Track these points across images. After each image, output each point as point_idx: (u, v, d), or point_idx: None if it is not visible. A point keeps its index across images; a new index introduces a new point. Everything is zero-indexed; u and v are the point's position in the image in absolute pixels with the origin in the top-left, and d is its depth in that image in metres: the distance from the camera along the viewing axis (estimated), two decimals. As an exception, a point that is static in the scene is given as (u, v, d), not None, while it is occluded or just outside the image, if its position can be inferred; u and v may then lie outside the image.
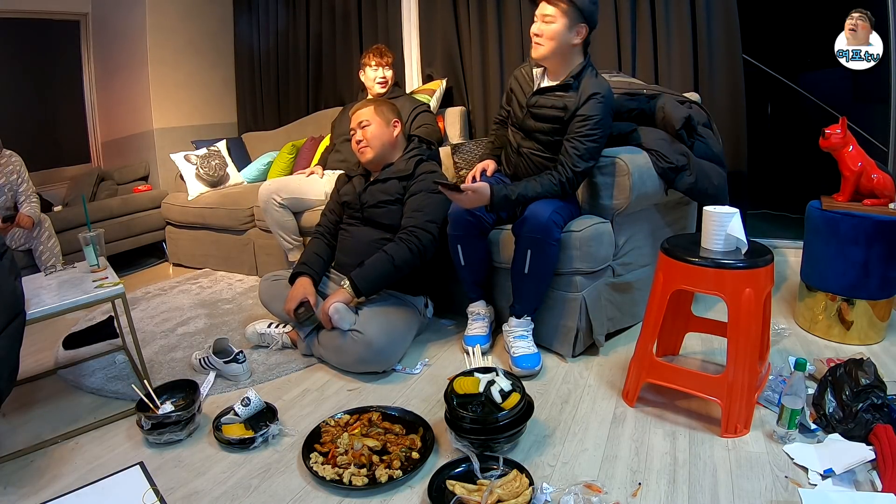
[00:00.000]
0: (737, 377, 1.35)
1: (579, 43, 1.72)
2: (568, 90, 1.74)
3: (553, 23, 1.67)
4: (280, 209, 2.58)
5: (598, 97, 1.69)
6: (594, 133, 1.69)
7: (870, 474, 1.19)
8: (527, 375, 1.71)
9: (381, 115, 1.98)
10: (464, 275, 1.92)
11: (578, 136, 1.70)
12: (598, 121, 1.69)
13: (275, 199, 2.57)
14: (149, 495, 1.28)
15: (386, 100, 2.24)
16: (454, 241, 1.86)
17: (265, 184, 2.66)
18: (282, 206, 2.58)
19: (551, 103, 1.76)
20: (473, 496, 1.16)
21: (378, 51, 2.62)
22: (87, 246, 1.80)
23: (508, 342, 1.82)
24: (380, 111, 1.99)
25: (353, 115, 2.01)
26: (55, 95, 3.89)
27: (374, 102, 2.03)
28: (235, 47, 4.20)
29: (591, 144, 1.70)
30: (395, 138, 2.01)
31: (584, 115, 1.69)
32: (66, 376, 1.94)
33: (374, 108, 1.99)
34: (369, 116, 1.98)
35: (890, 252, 1.73)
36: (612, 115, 1.77)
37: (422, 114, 2.58)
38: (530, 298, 1.79)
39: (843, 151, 1.80)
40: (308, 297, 1.86)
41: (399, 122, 2.02)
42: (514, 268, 1.75)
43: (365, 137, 1.97)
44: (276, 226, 2.61)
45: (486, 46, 2.98)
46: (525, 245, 1.70)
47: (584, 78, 1.73)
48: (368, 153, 1.98)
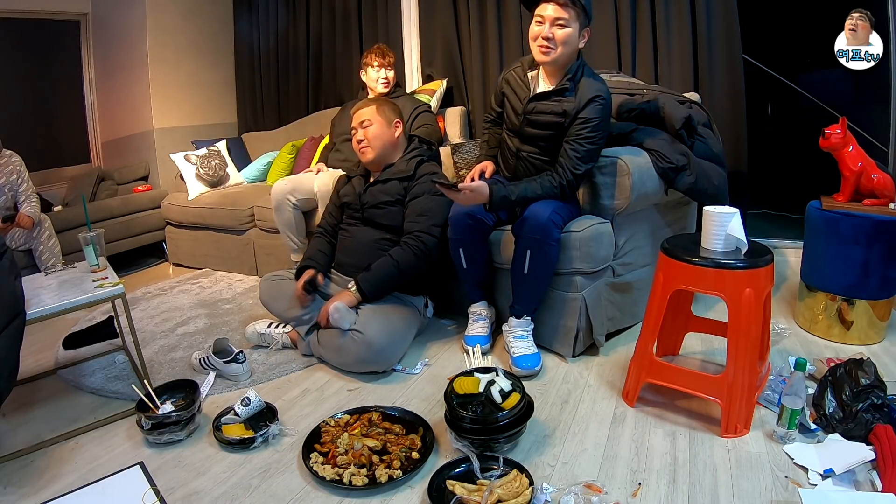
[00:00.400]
0: (737, 377, 1.35)
1: (583, 46, 1.71)
2: (566, 93, 1.72)
3: (567, 27, 1.64)
4: (293, 209, 2.57)
5: (598, 100, 1.68)
6: (594, 135, 1.69)
7: (870, 474, 1.19)
8: (526, 375, 1.71)
9: (382, 115, 1.97)
10: (465, 277, 1.92)
11: (579, 139, 1.69)
12: (598, 123, 1.69)
13: (290, 199, 2.54)
14: (149, 495, 1.28)
15: (388, 99, 2.20)
16: (455, 244, 1.85)
17: (280, 183, 2.60)
18: (295, 207, 2.57)
19: (550, 109, 1.75)
20: (473, 496, 1.16)
21: (380, 51, 2.59)
22: (87, 246, 1.80)
23: (508, 342, 1.82)
24: (382, 111, 1.98)
25: (355, 113, 2.00)
26: (55, 95, 3.89)
27: (375, 102, 2.02)
28: (235, 47, 4.20)
29: (591, 147, 1.70)
30: (397, 139, 2.00)
31: (584, 118, 1.69)
32: (66, 376, 1.94)
33: (376, 108, 1.98)
34: (371, 116, 1.96)
35: (890, 252, 1.73)
36: (610, 116, 1.76)
37: (422, 114, 2.58)
38: (530, 299, 1.79)
39: (843, 151, 1.80)
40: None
41: (401, 123, 2.02)
42: (514, 268, 1.75)
43: (366, 137, 1.96)
44: (285, 226, 2.59)
45: (486, 46, 2.98)
46: (525, 245, 1.70)
47: (580, 79, 1.72)
48: (369, 153, 1.97)
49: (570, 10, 1.63)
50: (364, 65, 2.62)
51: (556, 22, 1.64)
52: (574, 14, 1.64)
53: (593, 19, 1.77)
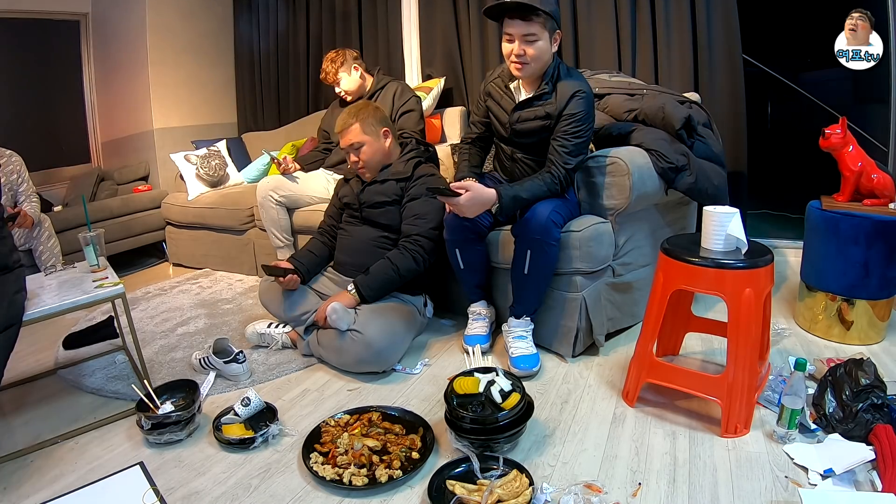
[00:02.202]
0: (737, 377, 1.35)
1: (556, 49, 1.72)
2: (545, 97, 1.73)
3: (537, 40, 1.64)
4: (276, 206, 2.61)
5: (579, 94, 1.69)
6: (580, 129, 1.70)
7: (870, 474, 1.19)
8: (525, 376, 1.71)
9: (370, 132, 1.92)
10: (463, 278, 1.92)
11: (566, 135, 1.70)
12: (583, 117, 1.70)
13: (272, 196, 2.59)
14: (149, 495, 1.28)
15: (368, 106, 2.00)
16: (452, 245, 1.85)
17: (264, 180, 2.69)
18: (279, 204, 2.61)
19: (534, 115, 1.76)
20: (473, 496, 1.16)
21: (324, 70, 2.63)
22: (87, 246, 1.80)
23: (507, 342, 1.82)
24: (367, 126, 1.92)
25: (340, 134, 1.95)
26: (55, 95, 3.89)
27: (357, 117, 1.92)
28: (235, 47, 4.20)
29: (578, 141, 1.71)
30: (389, 147, 1.99)
31: (569, 115, 1.70)
32: (66, 376, 1.94)
33: (360, 127, 1.91)
34: (359, 137, 1.91)
35: (890, 252, 1.73)
36: (594, 108, 1.77)
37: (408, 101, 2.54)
38: (530, 299, 1.79)
39: (843, 151, 1.80)
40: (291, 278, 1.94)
41: (388, 129, 1.98)
42: (514, 268, 1.75)
43: (361, 159, 1.94)
44: (270, 223, 2.64)
45: (486, 46, 2.98)
46: (525, 246, 1.70)
47: (559, 80, 1.73)
48: (368, 174, 1.98)
49: (536, 23, 1.62)
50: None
51: (525, 38, 1.64)
52: (541, 24, 1.63)
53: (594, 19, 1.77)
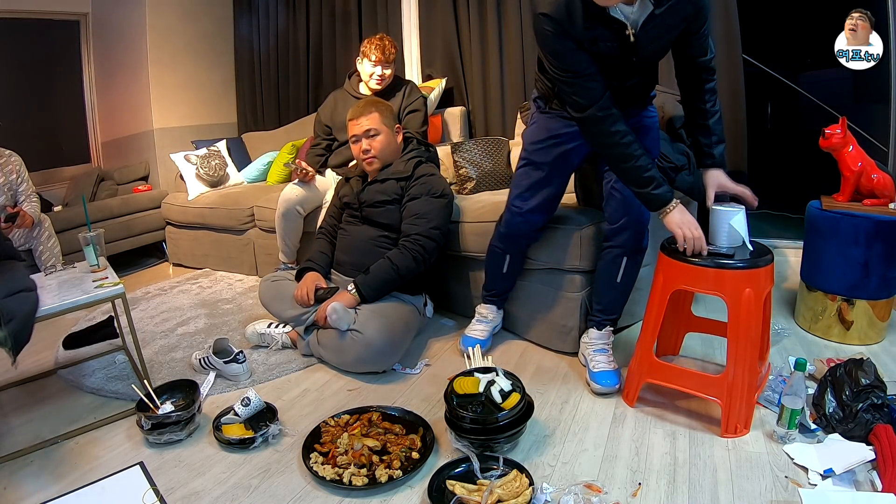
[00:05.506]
0: (737, 377, 1.35)
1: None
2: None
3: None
4: (298, 218, 2.60)
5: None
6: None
7: (870, 474, 1.19)
8: (605, 393, 1.60)
9: (387, 124, 1.93)
10: (497, 283, 1.89)
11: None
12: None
13: (299, 210, 2.58)
14: (149, 495, 1.28)
15: (383, 102, 2.06)
16: (503, 253, 1.81)
17: (289, 190, 2.58)
18: (299, 215, 2.60)
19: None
20: (473, 496, 1.16)
21: (381, 45, 2.40)
22: (87, 246, 1.80)
23: (587, 355, 1.70)
24: (386, 118, 1.93)
25: (356, 120, 1.93)
26: (55, 95, 3.89)
27: (376, 107, 1.94)
28: (235, 47, 4.20)
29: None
30: (399, 144, 2.00)
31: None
32: (66, 376, 1.94)
33: (380, 116, 1.91)
34: (378, 125, 1.90)
35: (890, 252, 1.73)
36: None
37: (415, 101, 2.53)
38: (616, 308, 1.71)
39: (843, 151, 1.80)
40: (320, 282, 1.93)
41: (400, 128, 2.00)
42: (603, 276, 1.68)
43: (373, 147, 1.92)
44: (287, 233, 2.62)
45: (486, 46, 2.98)
46: (621, 253, 1.63)
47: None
48: (376, 164, 1.96)
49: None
50: (362, 54, 2.47)
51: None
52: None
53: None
